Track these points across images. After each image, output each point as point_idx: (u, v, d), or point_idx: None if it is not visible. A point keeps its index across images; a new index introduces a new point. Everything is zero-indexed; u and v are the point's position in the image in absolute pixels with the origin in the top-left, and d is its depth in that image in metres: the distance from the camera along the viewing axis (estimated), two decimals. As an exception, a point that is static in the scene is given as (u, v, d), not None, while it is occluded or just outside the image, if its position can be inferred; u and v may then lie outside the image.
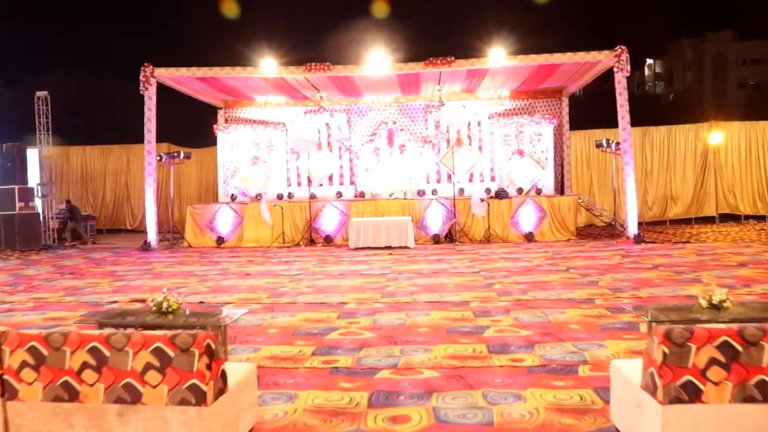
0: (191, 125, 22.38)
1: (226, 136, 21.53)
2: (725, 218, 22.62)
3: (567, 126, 21.97)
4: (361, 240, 16.34)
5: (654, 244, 16.04)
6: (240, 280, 11.40)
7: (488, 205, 17.43)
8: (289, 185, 21.53)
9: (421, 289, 10.00)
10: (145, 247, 17.26)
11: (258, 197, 20.88)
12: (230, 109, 22.51)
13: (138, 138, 23.04)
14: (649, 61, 62.41)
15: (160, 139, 23.38)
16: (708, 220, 22.61)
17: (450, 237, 17.80)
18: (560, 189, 21.61)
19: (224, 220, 18.31)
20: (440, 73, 17.80)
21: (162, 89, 19.80)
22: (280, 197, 20.90)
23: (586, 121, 23.13)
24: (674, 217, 22.75)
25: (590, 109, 24.84)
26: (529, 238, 17.52)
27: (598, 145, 17.78)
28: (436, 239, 17.53)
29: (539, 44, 16.89)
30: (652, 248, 15.25)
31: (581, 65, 17.67)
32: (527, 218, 17.83)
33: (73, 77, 28.59)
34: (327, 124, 21.51)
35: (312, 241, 18.08)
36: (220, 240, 18.00)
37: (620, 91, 16.96)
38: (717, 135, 22.55)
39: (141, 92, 17.48)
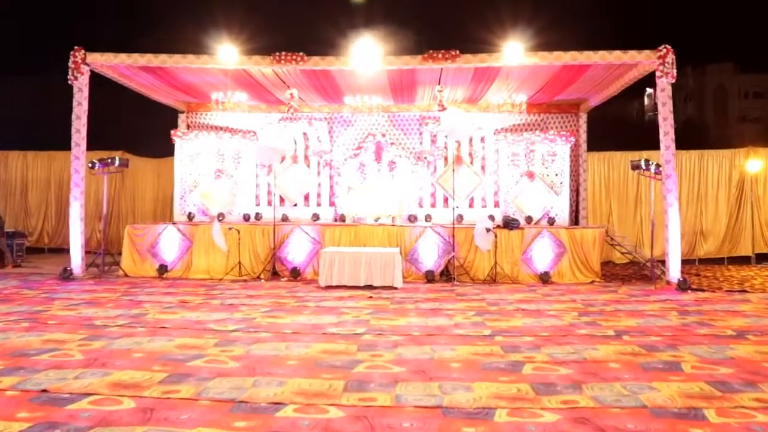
0: (151, 131, 18.55)
1: (185, 144, 17.71)
2: (761, 258, 18.88)
3: (584, 146, 18.27)
4: (334, 276, 12.47)
5: (704, 293, 12.24)
6: (143, 340, 7.51)
7: (495, 236, 13.62)
8: (258, 204, 17.74)
9: (409, 373, 6.13)
10: (65, 275, 13.34)
11: (219, 217, 17.06)
12: (193, 113, 18.73)
13: (87, 142, 19.28)
14: (649, 90, 59.14)
15: (113, 146, 19.78)
16: (742, 260, 18.86)
17: (447, 275, 14.01)
18: (575, 219, 17.86)
19: (169, 245, 14.44)
20: (441, 72, 14.06)
21: (119, 89, 16.07)
22: (246, 218, 17.09)
23: (602, 142, 19.40)
24: (704, 256, 18.97)
25: (607, 127, 21.06)
26: (545, 278, 13.72)
27: (635, 167, 14.02)
28: (429, 277, 13.69)
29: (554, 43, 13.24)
30: (706, 299, 11.45)
31: (613, 69, 13.98)
32: (542, 254, 14.04)
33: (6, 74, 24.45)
34: (304, 133, 17.76)
35: (276, 274, 14.22)
36: (163, 269, 14.11)
37: (663, 100, 13.29)
38: (755, 162, 18.87)
39: (69, 82, 13.65)
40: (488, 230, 13.45)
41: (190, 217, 17.06)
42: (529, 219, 16.35)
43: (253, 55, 13.41)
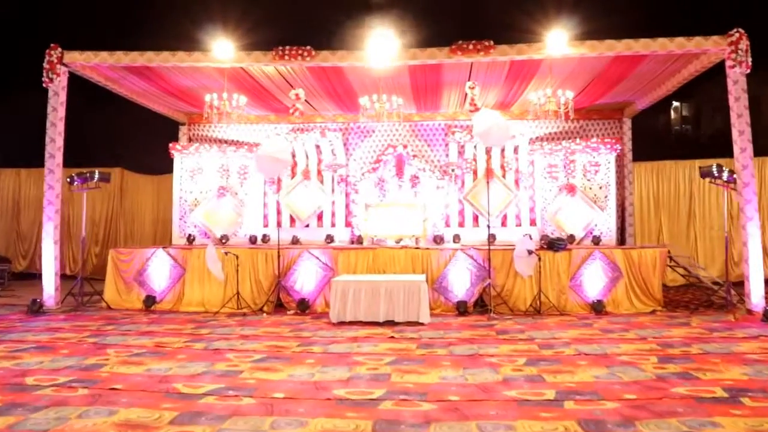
0: (151, 146, 16.47)
1: (185, 158, 15.64)
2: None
3: (629, 156, 15.91)
4: (348, 310, 10.17)
5: (798, 327, 9.83)
6: (73, 413, 5.26)
7: (539, 258, 11.29)
8: (267, 225, 15.58)
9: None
10: (34, 308, 11.17)
11: (223, 239, 14.89)
12: (195, 125, 16.63)
13: (82, 157, 17.29)
14: (676, 103, 56.53)
15: (111, 162, 17.74)
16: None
17: (481, 305, 11.69)
18: (621, 237, 15.48)
19: (159, 272, 12.24)
20: (471, 68, 11.83)
21: (115, 101, 14.08)
22: (253, 240, 14.95)
23: (650, 150, 17.02)
24: (769, 278, 16.47)
25: (654, 133, 18.67)
26: (598, 308, 11.35)
27: (705, 174, 11.65)
28: (461, 308, 11.36)
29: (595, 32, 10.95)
30: (807, 335, 9.05)
31: (671, 62, 11.70)
32: (594, 279, 11.67)
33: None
34: (317, 146, 15.59)
35: (281, 306, 11.96)
36: (150, 300, 11.91)
37: (737, 94, 10.91)
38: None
39: (44, 84, 11.58)
40: (530, 252, 11.12)
41: (190, 239, 14.96)
42: (570, 238, 14.04)
43: (253, 51, 11.24)
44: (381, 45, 10.78)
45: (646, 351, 7.95)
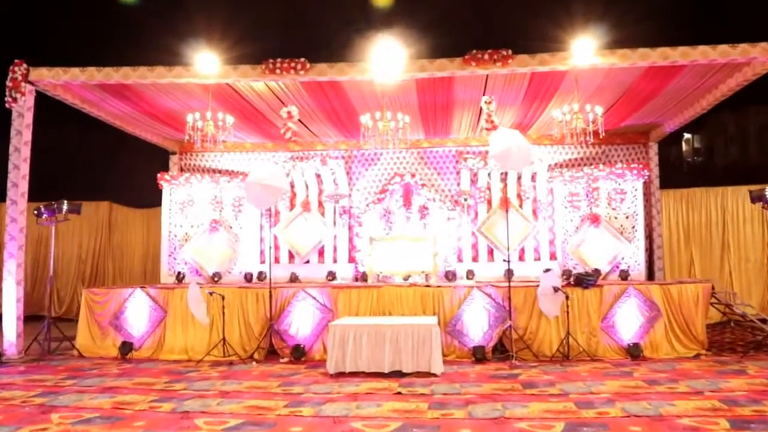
0: (141, 178, 15.10)
1: (175, 190, 14.27)
2: None
3: (656, 183, 14.41)
4: (348, 359, 8.61)
5: None
6: None
7: (566, 297, 9.76)
8: (263, 261, 14.15)
9: None
10: (-9, 359, 9.71)
11: (215, 277, 13.47)
12: (187, 154, 15.26)
13: (70, 189, 15.98)
14: (687, 135, 54.96)
15: (99, 196, 16.41)
16: None
17: (501, 349, 10.15)
18: (649, 271, 13.92)
19: (137, 315, 10.74)
20: (486, 83, 10.44)
21: (101, 128, 12.85)
22: (248, 278, 13.53)
23: (678, 177, 15.58)
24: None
25: (682, 159, 17.19)
26: (634, 353, 9.77)
27: (756, 199, 10.16)
28: (478, 354, 9.79)
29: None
30: None
31: (710, 75, 10.29)
32: (629, 320, 10.09)
33: None
34: (318, 174, 14.21)
35: (274, 353, 10.42)
36: (126, 347, 10.39)
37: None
38: None
39: (7, 105, 10.23)
40: (556, 289, 9.60)
41: (179, 277, 13.54)
42: (596, 273, 12.50)
43: (240, 65, 9.87)
44: (385, 56, 9.39)
45: (709, 410, 6.39)
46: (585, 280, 10.19)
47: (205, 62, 9.67)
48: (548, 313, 9.76)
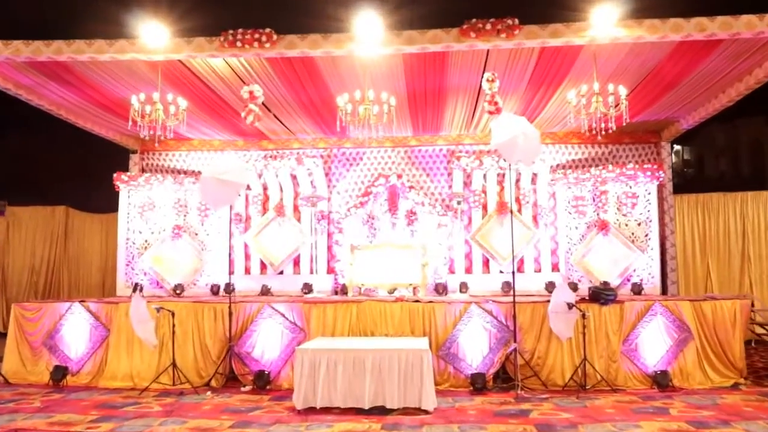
0: (100, 180, 13.31)
1: (133, 192, 12.56)
2: None
3: (670, 187, 12.81)
4: (319, 392, 6.86)
5: None
6: None
7: (583, 315, 8.08)
8: (233, 272, 12.44)
9: None
10: None
11: (177, 290, 11.77)
12: (149, 154, 13.52)
13: (20, 192, 14.36)
14: (677, 147, 53.74)
15: (53, 200, 14.64)
16: None
17: (504, 377, 8.47)
18: (662, 285, 12.28)
19: (75, 334, 8.95)
20: (485, 63, 8.78)
21: (55, 124, 11.22)
22: (215, 291, 11.84)
23: (691, 180, 14.04)
24: None
25: (697, 160, 15.64)
26: (662, 382, 8.10)
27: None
28: (478, 383, 8.07)
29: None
30: None
31: (745, 57, 8.67)
32: (655, 342, 8.42)
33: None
34: (293, 175, 12.54)
35: (234, 379, 8.67)
36: (59, 373, 8.59)
37: None
38: None
39: None
40: (570, 306, 7.94)
41: (137, 288, 11.78)
42: (605, 286, 10.84)
43: (194, 37, 8.14)
44: (366, 26, 7.71)
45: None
46: (603, 295, 8.51)
47: (153, 34, 7.94)
48: (561, 334, 8.08)
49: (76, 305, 9.04)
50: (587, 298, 8.71)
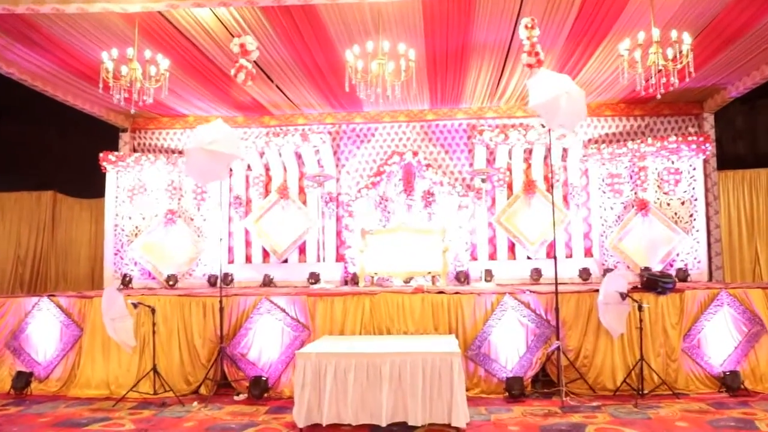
0: (89, 163, 12.02)
1: (122, 174, 11.29)
2: None
3: (713, 163, 11.40)
4: (326, 406, 5.54)
5: None
6: None
7: (640, 308, 6.72)
8: (232, 261, 11.19)
9: None
10: None
11: (170, 281, 10.51)
12: (141, 132, 12.23)
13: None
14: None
15: (41, 185, 13.41)
16: None
17: (544, 380, 7.15)
18: (707, 270, 10.87)
19: (43, 334, 7.68)
20: (518, 14, 7.37)
21: (45, 105, 10.01)
22: (212, 281, 10.58)
23: (736, 156, 12.64)
24: None
25: (742, 133, 14.09)
26: (732, 384, 6.75)
27: None
28: (515, 389, 6.74)
29: None
30: None
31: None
32: (721, 338, 7.07)
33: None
34: (298, 154, 11.23)
35: (227, 386, 7.38)
36: (22, 379, 7.34)
37: None
38: None
39: None
40: (623, 296, 6.59)
41: (126, 280, 10.56)
42: (662, 273, 9.47)
43: (173, -18, 6.80)
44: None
45: None
46: (660, 283, 7.14)
47: (125, -22, 6.61)
48: (613, 329, 6.75)
49: (45, 300, 7.76)
50: (640, 286, 7.35)
